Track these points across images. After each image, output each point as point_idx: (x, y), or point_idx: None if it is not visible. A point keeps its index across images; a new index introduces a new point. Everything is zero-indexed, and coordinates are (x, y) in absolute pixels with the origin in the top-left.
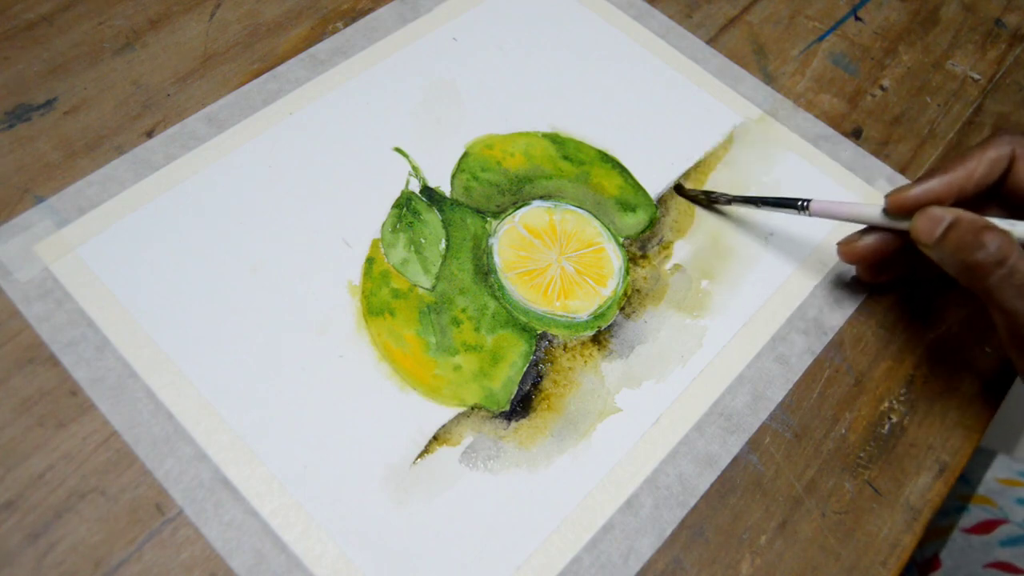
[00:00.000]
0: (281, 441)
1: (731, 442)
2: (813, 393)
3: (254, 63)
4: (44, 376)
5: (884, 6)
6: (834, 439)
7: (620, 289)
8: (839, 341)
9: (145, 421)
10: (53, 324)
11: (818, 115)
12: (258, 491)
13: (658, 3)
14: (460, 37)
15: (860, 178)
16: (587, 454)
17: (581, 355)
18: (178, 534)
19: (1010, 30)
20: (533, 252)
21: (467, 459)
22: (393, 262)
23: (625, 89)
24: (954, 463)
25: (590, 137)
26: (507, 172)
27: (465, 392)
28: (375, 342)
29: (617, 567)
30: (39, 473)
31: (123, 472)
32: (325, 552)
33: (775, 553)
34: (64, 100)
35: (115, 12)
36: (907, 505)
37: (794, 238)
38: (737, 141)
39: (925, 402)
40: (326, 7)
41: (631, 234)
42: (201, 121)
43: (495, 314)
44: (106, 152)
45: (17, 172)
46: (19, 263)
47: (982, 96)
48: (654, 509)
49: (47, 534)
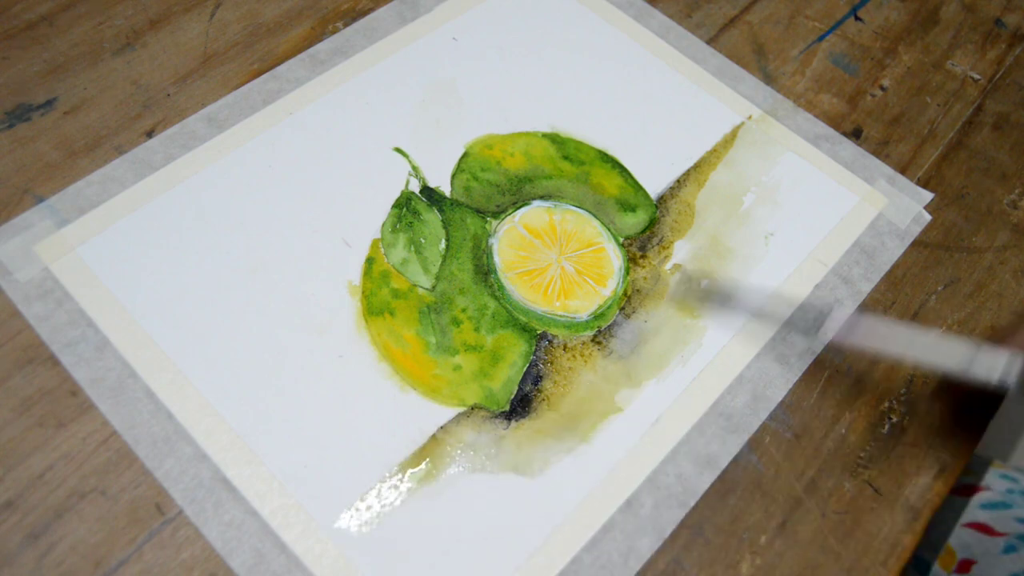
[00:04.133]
0: (281, 441)
1: (731, 442)
2: (813, 393)
3: (254, 63)
4: (44, 376)
5: (884, 6)
6: (834, 439)
7: (620, 289)
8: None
9: (145, 421)
10: (53, 324)
11: (818, 115)
12: (258, 491)
13: (658, 3)
14: (460, 37)
15: (860, 178)
16: (587, 454)
17: (581, 355)
18: (178, 534)
19: (1010, 30)
20: (533, 252)
21: (467, 459)
22: (393, 262)
23: (625, 89)
24: (954, 463)
25: (590, 137)
26: (507, 172)
27: (465, 392)
28: (375, 342)
29: (617, 567)
30: (39, 473)
31: (123, 472)
32: (325, 552)
33: (775, 553)
34: (64, 100)
35: (115, 12)
36: (907, 505)
37: (794, 238)
38: (737, 141)
39: (925, 402)
40: (326, 7)
41: (631, 234)
42: (201, 121)
43: (495, 314)
44: (106, 152)
45: (17, 172)
46: (19, 263)
47: (982, 96)
48: (654, 509)
49: (47, 534)
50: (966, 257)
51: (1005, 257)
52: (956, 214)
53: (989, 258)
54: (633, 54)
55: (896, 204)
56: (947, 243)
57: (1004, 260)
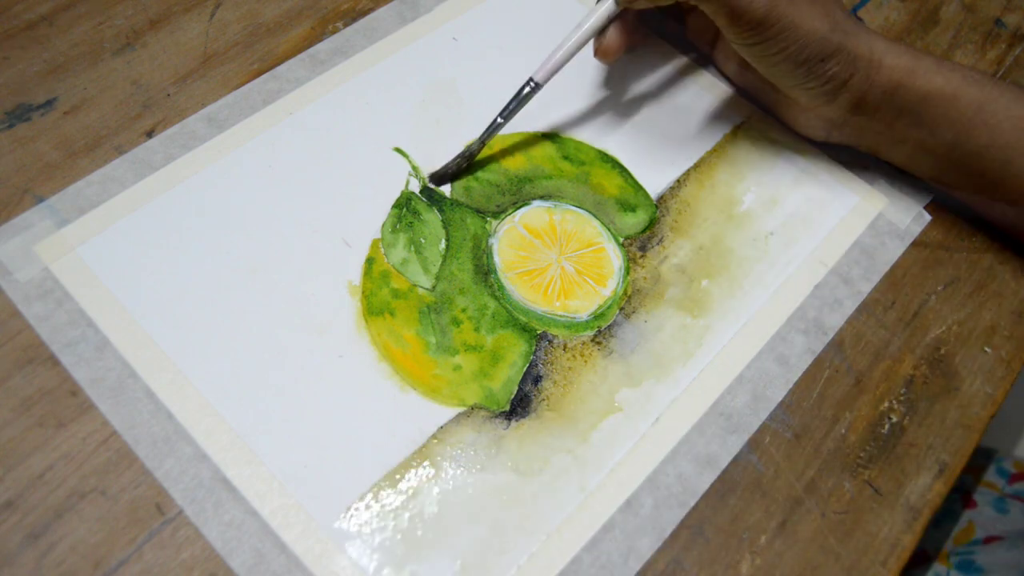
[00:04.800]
0: (281, 441)
1: (731, 442)
2: (813, 393)
3: (254, 63)
4: (44, 376)
5: (884, 6)
6: (834, 439)
7: (620, 289)
8: (839, 341)
9: (145, 421)
10: (53, 324)
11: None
12: (258, 491)
13: None
14: (460, 37)
15: (860, 178)
16: (587, 454)
17: (581, 355)
18: (178, 534)
19: (1010, 30)
20: (533, 252)
21: (467, 459)
22: (393, 262)
23: (625, 89)
24: (954, 463)
25: (590, 137)
26: (507, 172)
27: (465, 392)
28: (375, 342)
29: (617, 567)
30: (39, 473)
31: (123, 472)
32: (325, 552)
33: (775, 553)
34: (64, 100)
35: (115, 12)
36: (907, 505)
37: (794, 238)
38: (737, 140)
39: (925, 402)
40: (326, 7)
41: (631, 234)
42: (201, 121)
43: (495, 314)
44: (106, 152)
45: (17, 172)
46: (19, 263)
47: None
48: (654, 509)
49: (47, 534)
50: (966, 257)
51: (1005, 257)
52: (956, 214)
53: (989, 258)
54: (632, 54)
55: (896, 204)
56: (947, 243)
57: (1004, 260)
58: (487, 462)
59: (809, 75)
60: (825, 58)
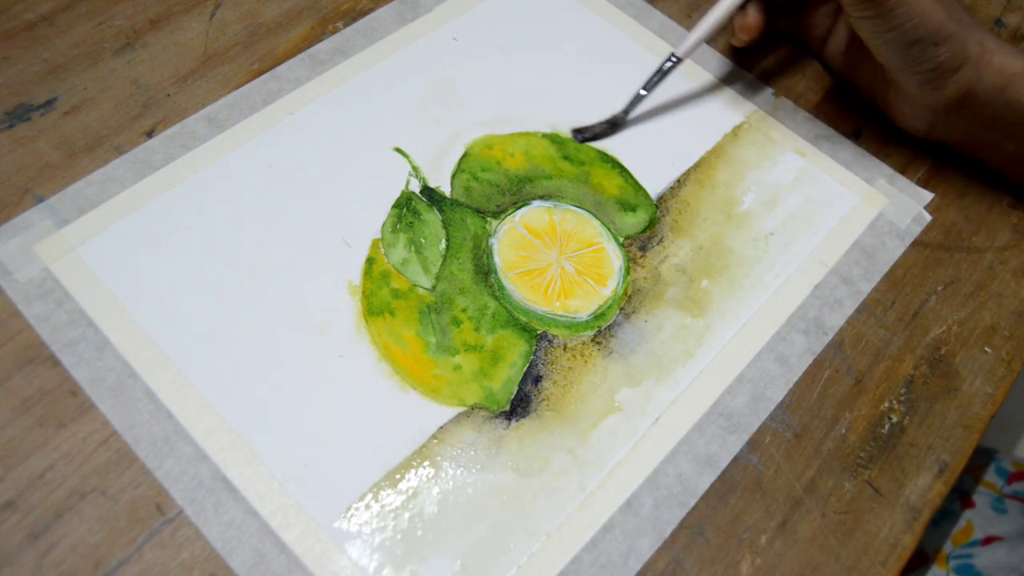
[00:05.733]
0: (281, 441)
1: (731, 442)
2: (813, 393)
3: (254, 63)
4: (44, 376)
5: None
6: (834, 439)
7: (620, 289)
8: (839, 341)
9: (145, 421)
10: (53, 324)
11: (818, 115)
12: (258, 491)
13: (658, 3)
14: (460, 37)
15: (860, 178)
16: (587, 454)
17: (581, 355)
18: (178, 534)
19: (1010, 30)
20: (533, 252)
21: (467, 459)
22: (393, 262)
23: (625, 89)
24: (954, 463)
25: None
26: (507, 172)
27: (465, 392)
28: (375, 342)
29: (617, 567)
30: (39, 473)
31: (123, 472)
32: (325, 552)
33: (775, 553)
34: (64, 100)
35: (115, 12)
36: (907, 505)
37: (794, 238)
38: (737, 140)
39: (925, 402)
40: (326, 7)
41: (631, 234)
42: (201, 121)
43: (495, 314)
44: (106, 152)
45: (17, 172)
46: (19, 263)
47: None
48: (654, 509)
49: (47, 534)
50: (966, 257)
51: (1005, 257)
52: (956, 214)
53: (989, 258)
54: (633, 54)
55: (896, 204)
56: (947, 243)
57: (1004, 260)
58: (487, 462)
59: (920, 58)
60: (938, 42)
